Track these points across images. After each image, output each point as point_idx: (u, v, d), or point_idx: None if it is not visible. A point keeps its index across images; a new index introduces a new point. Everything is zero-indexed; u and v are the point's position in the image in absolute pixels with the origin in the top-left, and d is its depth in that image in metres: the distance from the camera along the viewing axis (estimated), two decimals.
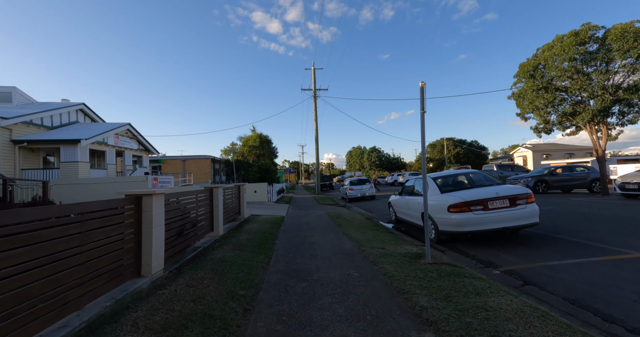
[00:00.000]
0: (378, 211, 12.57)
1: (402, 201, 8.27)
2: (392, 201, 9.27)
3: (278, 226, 8.20)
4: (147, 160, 22.37)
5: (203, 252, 4.93)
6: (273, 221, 9.01)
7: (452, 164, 55.95)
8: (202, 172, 38.04)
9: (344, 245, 5.72)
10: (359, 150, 69.91)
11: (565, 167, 15.46)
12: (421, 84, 4.39)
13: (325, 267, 4.29)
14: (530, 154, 52.43)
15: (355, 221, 9.16)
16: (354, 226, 7.97)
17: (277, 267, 4.35)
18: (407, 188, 8.28)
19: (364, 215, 11.10)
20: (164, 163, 37.35)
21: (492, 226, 5.28)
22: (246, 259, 4.58)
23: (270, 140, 40.75)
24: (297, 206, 15.25)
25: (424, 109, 4.41)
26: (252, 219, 9.33)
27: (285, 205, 15.13)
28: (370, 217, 10.48)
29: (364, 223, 8.68)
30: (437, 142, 65.17)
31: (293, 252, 5.27)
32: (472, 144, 64.82)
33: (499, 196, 5.42)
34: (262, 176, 17.55)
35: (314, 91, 29.44)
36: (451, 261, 4.44)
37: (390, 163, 59.89)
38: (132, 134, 19.88)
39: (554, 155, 51.65)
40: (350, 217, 10.06)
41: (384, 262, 4.31)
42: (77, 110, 18.29)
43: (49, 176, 14.86)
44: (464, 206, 5.45)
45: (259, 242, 5.93)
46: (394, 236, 6.64)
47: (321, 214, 10.99)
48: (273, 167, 17.75)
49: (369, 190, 18.27)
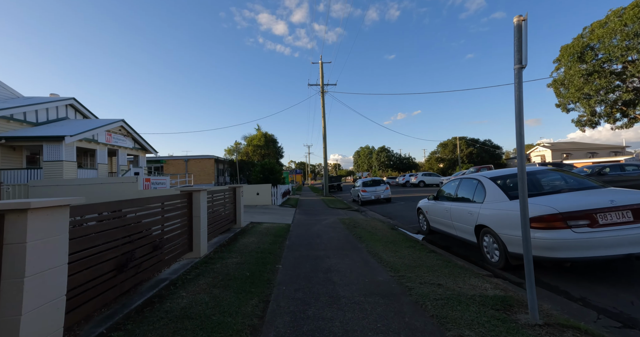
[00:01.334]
0: (399, 217, 10.75)
1: (438, 208, 6.47)
2: (423, 206, 7.46)
3: (282, 239, 6.47)
4: (144, 160, 20.92)
5: (163, 295, 3.21)
6: (276, 231, 7.29)
7: (465, 164, 53.56)
8: (205, 172, 36.66)
9: (375, 275, 3.95)
10: (367, 150, 67.88)
11: (614, 165, 13.39)
12: (519, 19, 2.60)
13: (358, 328, 2.53)
14: (549, 153, 49.75)
15: (377, 231, 7.38)
16: (379, 240, 6.19)
17: (276, 327, 2.60)
18: (446, 191, 6.47)
19: (385, 222, 9.30)
20: (166, 163, 36.10)
21: (607, 252, 3.44)
22: (227, 310, 2.84)
23: (275, 139, 39.21)
24: (305, 210, 13.53)
25: (522, 61, 2.62)
26: (251, 229, 7.62)
27: (291, 209, 13.41)
28: (394, 226, 8.68)
29: (390, 235, 6.89)
30: (449, 141, 62.79)
31: (302, 290, 3.52)
32: (486, 143, 62.29)
33: (616, 205, 3.57)
34: (265, 176, 15.83)
35: (321, 86, 27.73)
36: (571, 320, 2.62)
37: (401, 163, 57.74)
38: (127, 132, 18.42)
39: (574, 154, 48.88)
40: (369, 226, 8.28)
41: (459, 323, 2.53)
42: (66, 105, 16.90)
43: (31, 177, 13.44)
44: (557, 220, 3.63)
45: (253, 269, 4.19)
46: (439, 257, 4.83)
47: (334, 222, 9.24)
48: (277, 167, 16.09)
49: (384, 192, 16.43)
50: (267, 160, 15.85)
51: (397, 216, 11.14)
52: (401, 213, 11.81)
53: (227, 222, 6.97)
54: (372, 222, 9.04)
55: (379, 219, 10.25)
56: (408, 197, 19.33)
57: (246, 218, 9.64)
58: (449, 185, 6.58)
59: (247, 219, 9.53)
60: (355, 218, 10.08)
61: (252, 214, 11.08)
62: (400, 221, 10.03)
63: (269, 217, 10.13)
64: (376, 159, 60.00)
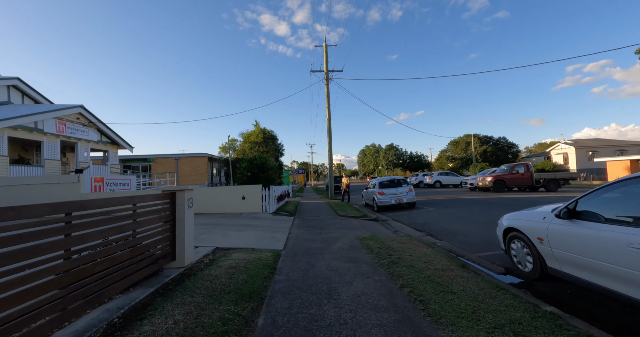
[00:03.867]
0: (445, 233, 7.24)
1: (594, 237, 2.95)
2: (532, 229, 3.93)
3: (251, 308, 2.98)
4: (115, 156, 17.58)
5: None
6: (249, 276, 3.79)
7: (479, 163, 49.75)
8: (198, 172, 33.28)
9: None
10: (374, 149, 64.09)
11: None
12: None
13: None
14: (573, 151, 45.74)
15: (439, 273, 3.87)
16: (467, 310, 2.69)
17: None
18: (614, 206, 2.98)
19: (434, 247, 5.76)
20: (154, 162, 32.79)
21: None
22: None
23: (275, 136, 35.79)
24: (306, 220, 10.05)
25: None
26: (203, 269, 4.11)
27: (287, 219, 9.94)
28: (456, 256, 5.18)
29: (473, 285, 3.38)
30: (460, 139, 58.92)
31: None
32: (499, 141, 58.42)
33: None
34: (254, 174, 12.16)
35: (325, 73, 24.30)
36: None
37: (411, 162, 53.86)
38: (88, 121, 15.04)
39: (601, 152, 44.80)
40: (415, 256, 4.78)
41: None
42: (7, 86, 13.57)
43: None
44: None
45: None
46: None
47: (352, 245, 5.75)
48: (271, 162, 12.52)
49: (407, 195, 12.89)
50: (258, 154, 12.33)
51: (438, 230, 7.62)
52: (442, 225, 8.30)
53: (149, 263, 3.49)
54: (413, 247, 5.53)
55: (417, 238, 6.72)
56: (434, 201, 15.77)
57: (213, 238, 6.17)
58: (610, 195, 3.07)
59: (214, 239, 6.07)
60: (382, 237, 6.57)
61: (229, 228, 7.62)
62: (453, 240, 6.52)
63: (250, 237, 6.65)
64: (384, 157, 56.18)
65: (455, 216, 10.17)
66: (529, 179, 18.49)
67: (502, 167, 20.28)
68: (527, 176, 18.51)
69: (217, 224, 8.24)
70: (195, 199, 10.40)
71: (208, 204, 10.49)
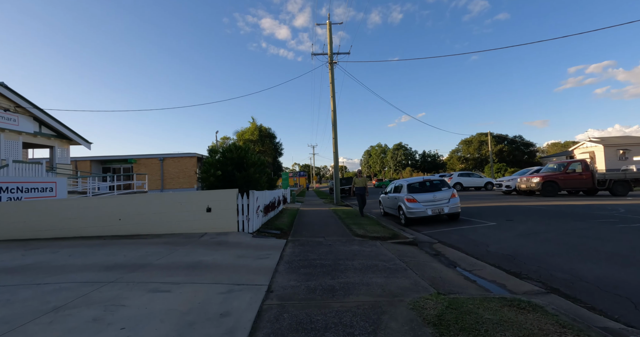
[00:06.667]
0: (573, 283, 3.44)
1: None
2: None
3: None
4: (66, 153, 13.95)
5: None
6: None
7: (496, 163, 45.78)
8: (186, 174, 29.61)
9: None
10: (380, 149, 60.18)
11: None
12: None
13: None
14: (601, 149, 41.57)
15: None
16: None
17: None
18: None
19: None
20: (136, 163, 29.21)
21: None
22: None
23: (273, 134, 32.18)
24: (304, 247, 6.28)
25: None
26: None
27: (274, 245, 6.15)
28: None
29: None
30: (473, 138, 54.91)
31: None
32: (515, 140, 54.42)
33: None
34: (227, 174, 7.94)
35: (329, 56, 20.68)
36: None
37: (424, 162, 49.56)
38: (15, 105, 11.38)
39: (633, 150, 40.68)
40: None
41: None
42: None
43: None
44: None
45: None
46: None
47: None
48: (252, 157, 8.57)
49: (449, 203, 9.10)
50: (233, 145, 8.51)
51: (560, 278, 3.79)
52: (548, 260, 4.46)
53: None
54: None
55: (553, 312, 2.93)
56: (476, 208, 11.95)
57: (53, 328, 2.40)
58: None
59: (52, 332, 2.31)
60: (470, 307, 2.80)
61: (147, 278, 3.89)
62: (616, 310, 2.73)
63: (168, 317, 2.90)
64: (392, 158, 52.21)
65: (543, 237, 6.39)
66: (589, 180, 14.63)
67: (550, 165, 16.42)
68: (587, 176, 14.65)
69: (134, 265, 4.48)
70: (126, 211, 6.69)
71: (151, 221, 6.73)
